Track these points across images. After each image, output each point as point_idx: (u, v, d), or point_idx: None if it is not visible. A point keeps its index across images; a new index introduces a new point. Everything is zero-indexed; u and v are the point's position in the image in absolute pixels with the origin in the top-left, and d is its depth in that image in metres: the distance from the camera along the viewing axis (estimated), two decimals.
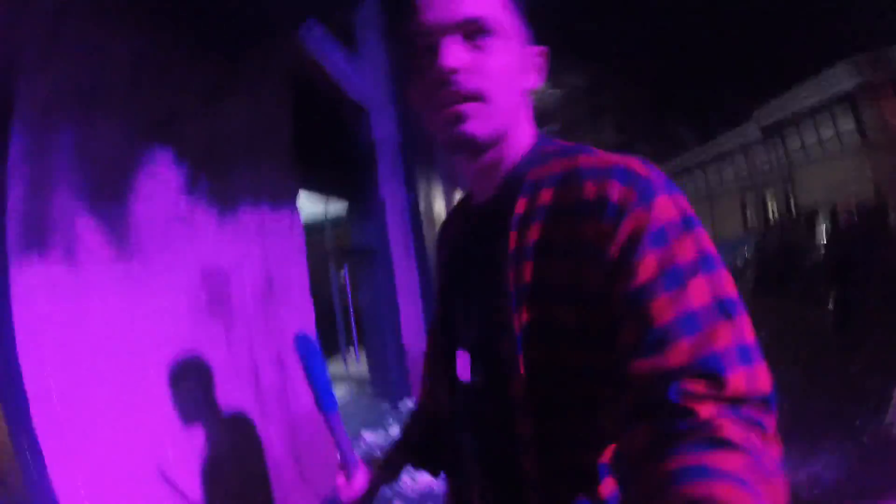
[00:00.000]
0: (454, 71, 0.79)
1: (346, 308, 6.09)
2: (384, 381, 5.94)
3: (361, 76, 5.75)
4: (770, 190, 20.98)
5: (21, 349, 2.05)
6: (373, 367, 6.10)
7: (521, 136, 0.89)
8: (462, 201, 1.09)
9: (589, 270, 0.71)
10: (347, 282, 5.93)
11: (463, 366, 0.89)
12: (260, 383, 3.42)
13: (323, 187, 4.71)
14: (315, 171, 4.36)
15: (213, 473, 2.84)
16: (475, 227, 0.95)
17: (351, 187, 5.65)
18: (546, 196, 0.79)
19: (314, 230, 4.13)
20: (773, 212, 20.98)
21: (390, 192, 6.10)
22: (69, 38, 2.41)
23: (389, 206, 6.00)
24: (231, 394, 3.12)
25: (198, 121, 3.17)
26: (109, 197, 2.55)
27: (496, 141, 0.86)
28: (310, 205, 5.23)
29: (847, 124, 14.07)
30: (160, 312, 2.75)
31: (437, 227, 4.78)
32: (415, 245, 6.42)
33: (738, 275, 11.85)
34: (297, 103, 4.23)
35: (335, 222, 6.26)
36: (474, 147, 0.85)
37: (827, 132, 14.80)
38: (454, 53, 0.79)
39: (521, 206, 0.81)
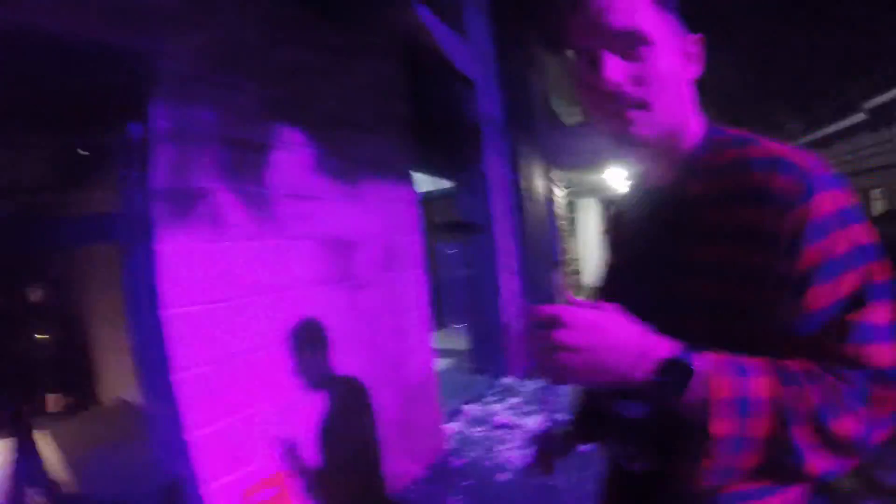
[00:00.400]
0: (617, 85, 0.84)
1: (454, 283, 6.19)
2: (483, 357, 6.00)
3: (468, 53, 5.74)
4: (875, 180, 19.63)
5: (167, 323, 2.23)
6: (473, 341, 6.16)
7: (692, 126, 0.93)
8: (635, 185, 1.13)
9: (753, 253, 0.79)
10: (462, 256, 5.99)
11: None
12: (378, 351, 3.53)
13: (430, 160, 4.76)
14: (424, 143, 4.40)
15: (329, 437, 2.99)
16: (652, 209, 0.99)
17: (457, 162, 5.67)
18: (718, 183, 0.85)
19: (422, 203, 4.18)
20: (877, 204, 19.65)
21: (494, 168, 6.10)
22: (201, 12, 2.54)
23: (493, 183, 6.00)
24: (351, 359, 3.25)
25: (323, 89, 3.27)
26: (247, 172, 2.69)
27: (665, 138, 0.91)
28: (419, 177, 5.33)
29: None
30: (292, 277, 2.89)
31: (536, 205, 4.77)
32: (516, 223, 6.42)
33: None
34: (410, 75, 4.28)
35: (442, 196, 6.32)
36: (644, 146, 0.92)
37: None
38: (614, 68, 0.84)
39: (696, 189, 0.89)
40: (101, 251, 5.13)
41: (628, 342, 0.77)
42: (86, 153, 3.43)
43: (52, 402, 5.62)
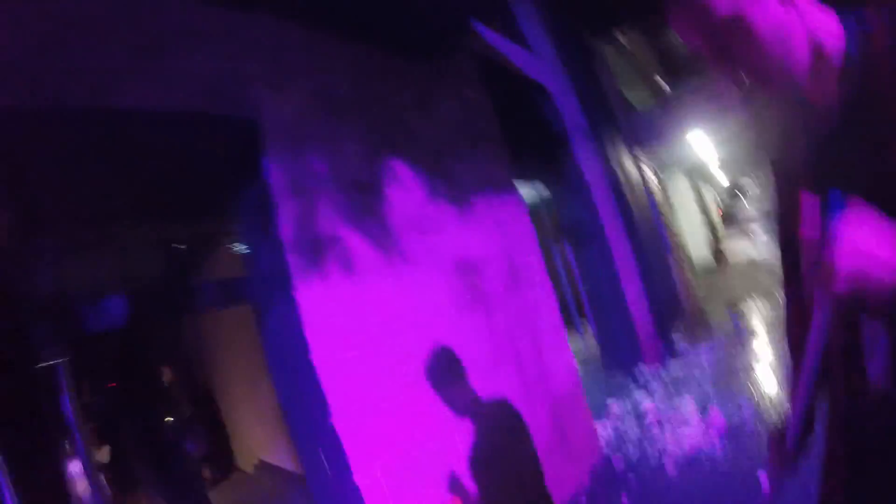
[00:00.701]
0: None
1: (573, 285, 6.22)
2: (615, 354, 5.97)
3: (537, 64, 5.83)
4: None
5: (314, 356, 2.33)
6: (602, 340, 6.14)
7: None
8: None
9: None
10: (572, 260, 6.03)
11: None
12: (522, 366, 3.59)
13: (526, 170, 4.86)
14: (520, 156, 4.51)
15: (490, 459, 3.03)
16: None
17: (551, 168, 5.75)
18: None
19: (530, 213, 4.28)
20: None
21: (589, 167, 6.12)
22: (298, 72, 2.73)
23: (591, 182, 6.02)
24: (499, 379, 3.32)
25: (419, 123, 3.44)
26: (365, 208, 2.84)
27: None
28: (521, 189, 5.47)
29: None
30: (428, 309, 3.00)
31: (636, 194, 4.68)
32: (623, 216, 6.40)
33: None
34: (494, 95, 4.41)
35: (547, 203, 6.40)
36: None
37: None
38: None
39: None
40: (224, 317, 5.43)
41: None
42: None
43: None
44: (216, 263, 4.86)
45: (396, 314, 2.79)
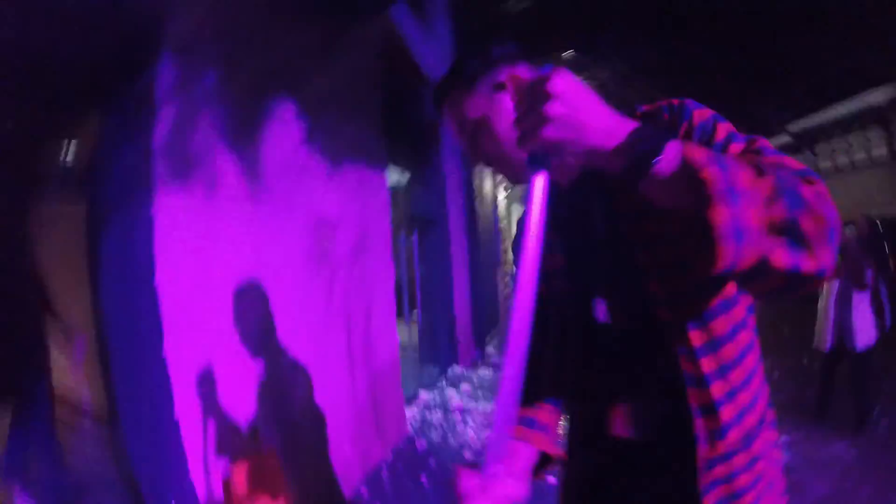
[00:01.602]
0: None
1: (410, 273, 6.29)
2: (434, 348, 6.14)
3: (432, 52, 5.89)
4: None
5: (159, 271, 2.18)
6: (424, 333, 6.28)
7: None
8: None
9: None
10: (416, 248, 6.11)
11: (601, 310, 1.06)
12: (351, 333, 3.59)
13: (393, 151, 4.89)
14: (390, 133, 4.53)
15: (309, 411, 3.02)
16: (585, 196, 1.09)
17: (416, 157, 5.82)
18: None
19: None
20: None
21: (450, 166, 6.27)
22: None
23: (449, 180, 6.17)
24: (328, 341, 3.30)
25: (312, 71, 3.33)
26: (244, 138, 2.70)
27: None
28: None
29: (877, 139, 14.03)
30: (279, 255, 2.91)
31: (483, 204, 4.98)
32: (467, 219, 6.61)
33: None
34: (384, 71, 4.40)
35: (404, 187, 6.43)
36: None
37: (857, 146, 14.76)
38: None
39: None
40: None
41: (606, 113, 0.77)
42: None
43: None
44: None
45: (248, 253, 2.67)
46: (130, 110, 2.28)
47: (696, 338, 0.93)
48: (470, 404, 4.97)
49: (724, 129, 0.89)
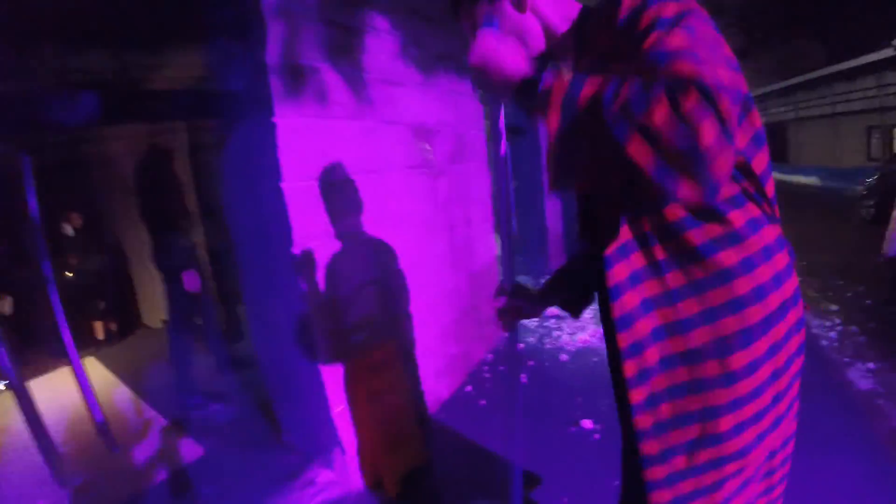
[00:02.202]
0: None
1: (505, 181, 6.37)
2: (526, 253, 6.24)
3: None
4: None
5: (284, 174, 2.36)
6: (518, 241, 6.37)
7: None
8: None
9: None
10: (508, 158, 6.14)
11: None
12: (452, 237, 3.72)
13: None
14: None
15: (413, 314, 3.21)
16: None
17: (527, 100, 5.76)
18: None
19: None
20: None
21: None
22: None
23: None
24: (432, 243, 3.44)
25: None
26: (344, 52, 2.78)
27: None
28: None
29: None
30: (386, 159, 3.04)
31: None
32: None
33: (857, 202, 11.31)
34: None
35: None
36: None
37: None
38: None
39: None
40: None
41: (509, 64, 1.01)
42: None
43: (99, 329, 5.94)
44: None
45: (360, 156, 2.82)
46: (237, 31, 2.40)
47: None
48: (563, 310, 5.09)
49: (649, 16, 0.94)
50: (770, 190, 1.08)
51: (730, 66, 0.86)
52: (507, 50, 1.03)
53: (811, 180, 22.97)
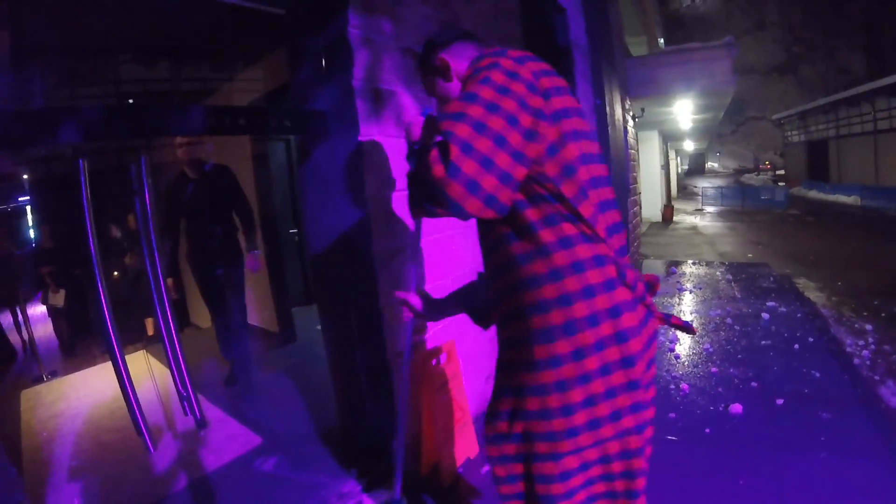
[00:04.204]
0: None
1: None
2: None
3: None
4: None
5: (368, 186, 2.63)
6: None
7: None
8: None
9: None
10: None
11: None
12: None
13: None
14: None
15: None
16: None
17: None
18: None
19: None
20: None
21: (581, 91, 6.36)
22: None
23: (581, 104, 6.26)
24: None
25: (465, 14, 3.63)
26: (415, 73, 3.05)
27: None
28: None
29: None
30: None
31: (616, 131, 5.09)
32: (600, 144, 6.69)
33: None
34: (522, 4, 4.59)
35: None
36: None
37: None
38: None
39: None
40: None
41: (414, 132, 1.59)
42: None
43: (151, 325, 6.26)
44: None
45: None
46: (326, 57, 2.69)
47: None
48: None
49: (470, 86, 1.26)
50: (586, 211, 1.27)
51: (505, 118, 1.19)
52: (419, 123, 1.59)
53: (852, 199, 22.72)
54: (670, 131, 20.54)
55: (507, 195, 1.18)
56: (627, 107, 9.34)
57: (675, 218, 20.21)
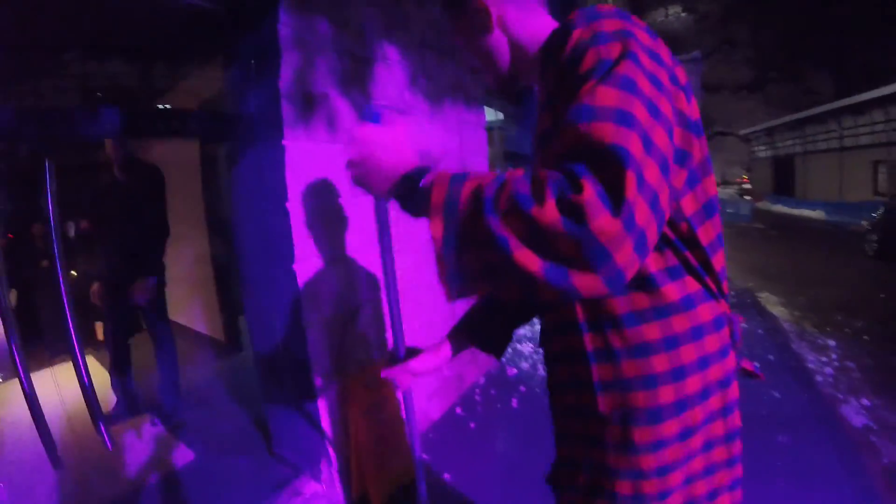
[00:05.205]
0: None
1: None
2: None
3: None
4: None
5: (291, 206, 2.47)
6: None
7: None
8: None
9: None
10: None
11: None
12: None
13: (492, 93, 5.02)
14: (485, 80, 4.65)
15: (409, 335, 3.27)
16: None
17: (509, 98, 5.90)
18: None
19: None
20: None
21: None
22: None
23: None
24: (429, 269, 3.51)
25: (416, 13, 3.48)
26: (354, 77, 2.90)
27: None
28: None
29: None
30: None
31: None
32: None
33: (862, 236, 11.40)
34: None
35: (499, 125, 6.58)
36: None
37: None
38: None
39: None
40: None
41: (388, 161, 0.96)
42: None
43: (99, 329, 5.85)
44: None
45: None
46: (255, 58, 2.53)
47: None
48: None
49: (590, 59, 0.82)
50: (718, 263, 1.00)
51: (666, 129, 0.77)
52: (388, 146, 0.97)
53: (817, 214, 23.13)
54: None
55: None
56: None
57: None
